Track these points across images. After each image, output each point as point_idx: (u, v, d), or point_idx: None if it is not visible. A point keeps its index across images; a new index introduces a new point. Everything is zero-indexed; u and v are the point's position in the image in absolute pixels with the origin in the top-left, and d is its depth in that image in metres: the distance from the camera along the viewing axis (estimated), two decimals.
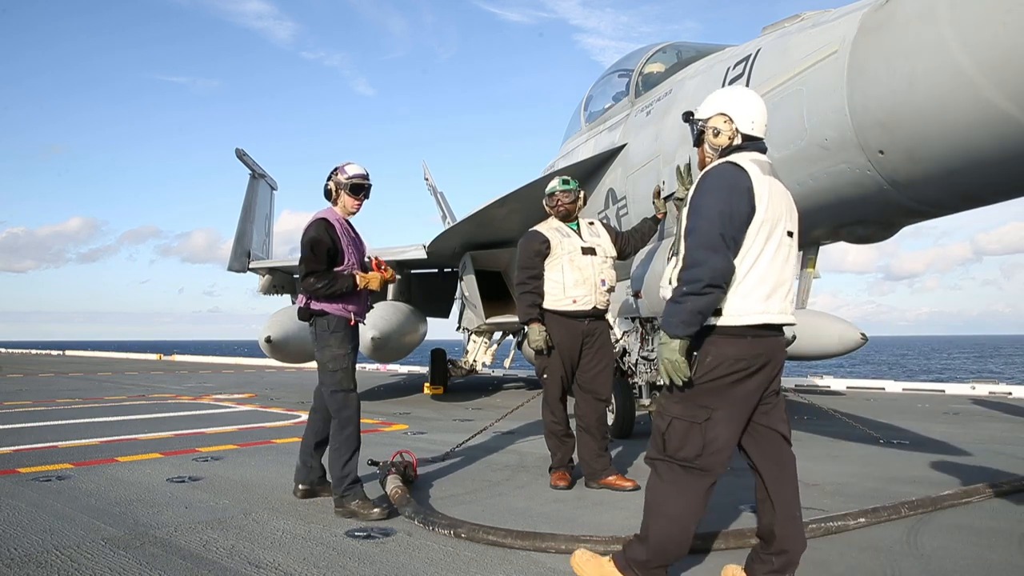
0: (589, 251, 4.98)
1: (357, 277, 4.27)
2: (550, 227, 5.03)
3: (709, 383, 2.61)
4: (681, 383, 2.62)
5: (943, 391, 12.12)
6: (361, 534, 3.61)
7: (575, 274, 4.86)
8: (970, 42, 2.98)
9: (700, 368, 2.63)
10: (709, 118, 2.88)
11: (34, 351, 41.53)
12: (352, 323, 4.32)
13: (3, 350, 43.70)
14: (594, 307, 4.92)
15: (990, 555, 3.21)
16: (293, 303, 14.44)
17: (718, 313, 2.62)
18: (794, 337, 8.82)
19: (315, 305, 4.24)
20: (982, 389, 11.69)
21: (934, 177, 3.56)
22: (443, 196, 23.14)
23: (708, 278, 2.53)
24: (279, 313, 11.77)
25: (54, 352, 38.28)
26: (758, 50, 4.73)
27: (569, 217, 5.09)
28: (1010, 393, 11.25)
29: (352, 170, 4.38)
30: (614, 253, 5.21)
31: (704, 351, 2.64)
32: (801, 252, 5.41)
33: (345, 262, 4.28)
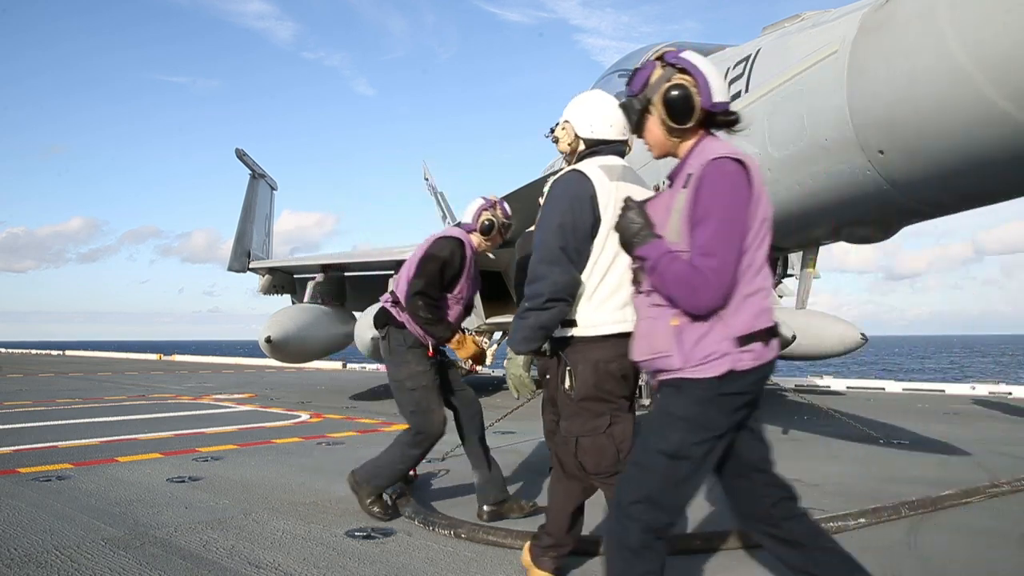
0: None
1: (457, 336, 4.00)
2: None
3: (593, 389, 2.54)
4: (529, 397, 2.61)
5: (943, 391, 12.11)
6: (361, 534, 3.61)
7: None
8: (970, 42, 2.98)
9: (578, 379, 2.56)
10: (554, 127, 2.86)
11: (34, 351, 41.51)
12: (429, 352, 4.04)
13: (3, 350, 43.69)
14: None
15: (990, 555, 3.21)
16: (293, 303, 14.45)
17: (574, 324, 2.57)
18: (794, 337, 8.82)
19: (400, 316, 3.98)
20: (982, 389, 11.68)
21: (934, 177, 3.56)
22: (443, 196, 23.16)
23: (549, 292, 2.49)
24: (279, 313, 11.79)
25: (54, 352, 38.26)
26: (758, 50, 4.73)
27: None
28: (1010, 393, 11.25)
29: (509, 211, 4.16)
30: None
31: (574, 362, 2.57)
32: (802, 252, 5.42)
33: (456, 291, 4.04)
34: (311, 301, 12.95)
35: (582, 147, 2.80)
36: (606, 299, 2.56)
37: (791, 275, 8.63)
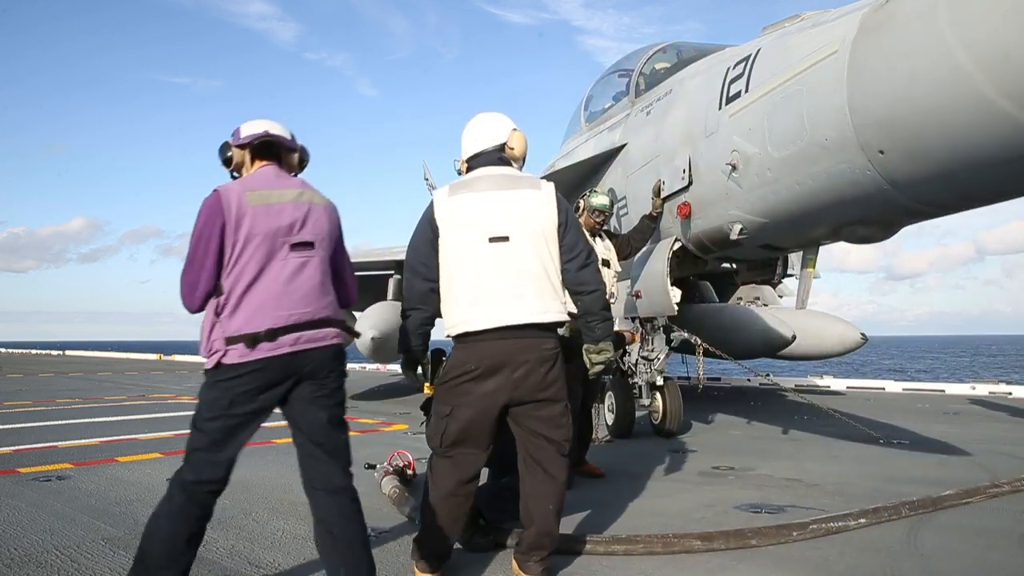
0: (605, 263, 5.15)
1: None
2: None
3: (445, 384, 2.88)
4: (420, 389, 3.07)
5: (943, 391, 12.10)
6: None
7: None
8: (970, 42, 2.98)
9: (441, 373, 2.92)
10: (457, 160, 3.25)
11: (34, 351, 41.51)
12: None
13: (3, 350, 43.69)
14: None
15: (990, 555, 3.20)
16: None
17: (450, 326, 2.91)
18: (794, 337, 8.82)
19: None
20: (982, 389, 11.67)
21: (934, 177, 3.56)
22: None
23: (406, 303, 3.00)
24: None
25: (54, 352, 38.27)
26: (758, 50, 4.73)
27: (593, 230, 5.26)
28: (1010, 393, 11.24)
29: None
30: (620, 269, 5.44)
31: (447, 358, 2.95)
32: (802, 252, 5.43)
33: None
34: None
35: (466, 167, 3.12)
36: (456, 301, 2.86)
37: (791, 275, 8.61)
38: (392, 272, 12.02)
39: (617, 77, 8.00)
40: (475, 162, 3.05)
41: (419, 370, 3.15)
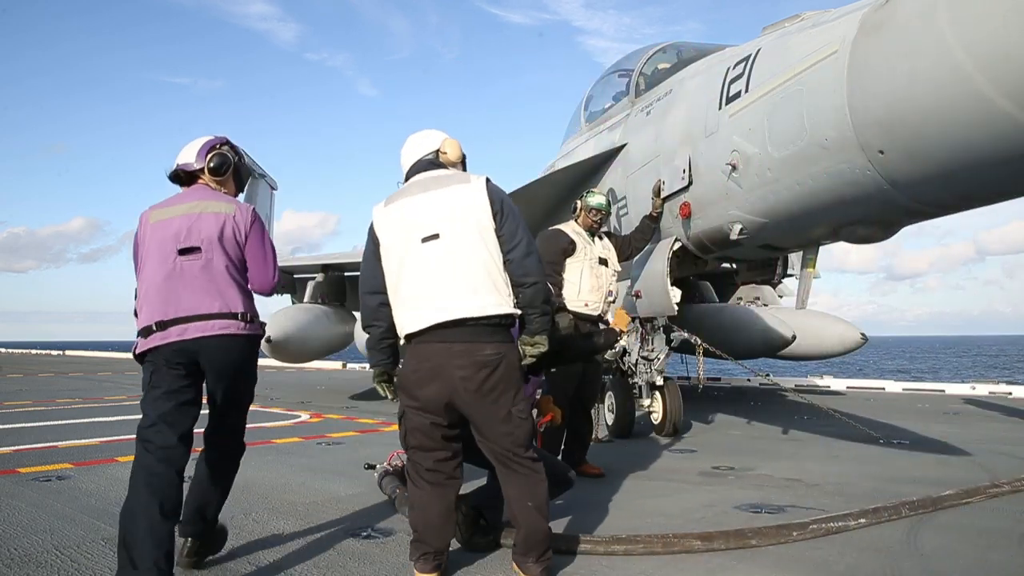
0: (603, 262, 5.20)
1: None
2: (573, 230, 5.21)
3: (401, 387, 2.97)
4: (390, 398, 3.13)
5: (943, 391, 12.11)
6: (361, 534, 3.60)
7: (592, 280, 5.07)
8: (970, 42, 2.98)
9: (397, 377, 3.04)
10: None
11: (34, 351, 41.52)
12: None
13: (3, 350, 43.70)
14: (600, 315, 5.13)
15: (990, 555, 3.20)
16: (293, 303, 14.45)
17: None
18: (794, 337, 8.82)
19: None
20: (982, 389, 11.68)
21: (934, 177, 3.56)
22: None
23: (363, 321, 3.10)
24: (279, 313, 11.79)
25: (54, 352, 38.28)
26: (758, 50, 4.73)
27: (594, 231, 5.29)
28: (1010, 393, 11.24)
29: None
30: (619, 268, 5.43)
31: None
32: (802, 252, 5.43)
33: None
34: (311, 301, 12.98)
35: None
36: (402, 306, 2.89)
37: (791, 275, 8.62)
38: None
39: (617, 77, 8.00)
40: (410, 173, 3.09)
41: (389, 384, 3.15)
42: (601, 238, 5.42)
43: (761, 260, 6.26)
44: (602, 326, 5.39)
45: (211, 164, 3.11)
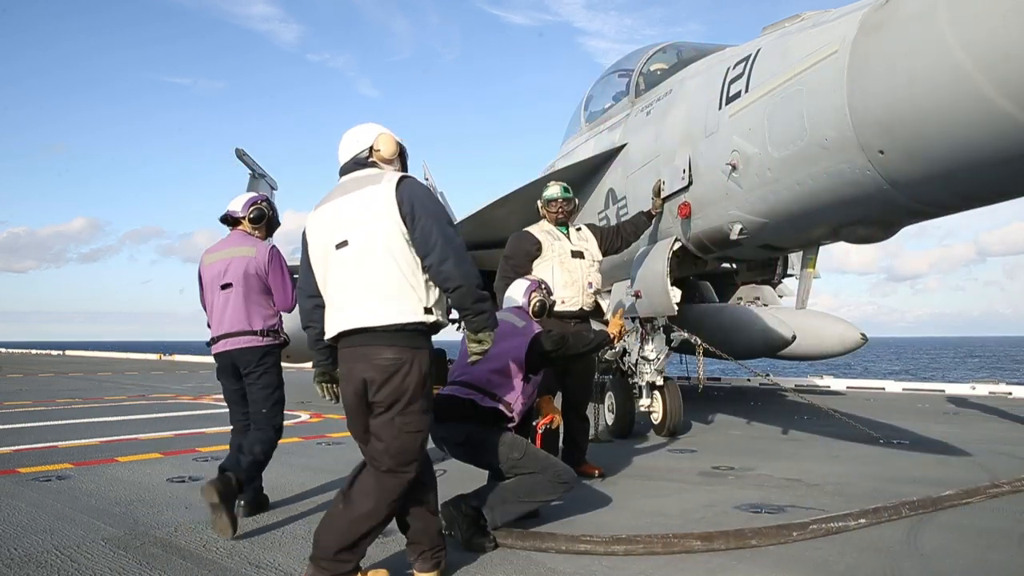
0: (578, 255, 5.14)
1: None
2: (542, 230, 5.18)
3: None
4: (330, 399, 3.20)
5: (943, 391, 12.10)
6: None
7: (564, 276, 5.02)
8: (970, 42, 2.98)
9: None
10: None
11: (34, 351, 41.50)
12: None
13: (3, 350, 43.68)
14: (580, 308, 5.09)
15: (990, 555, 3.20)
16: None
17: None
18: (794, 337, 8.82)
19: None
20: (982, 389, 11.67)
21: (934, 177, 3.56)
22: (443, 196, 23.15)
23: (302, 322, 3.08)
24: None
25: (54, 352, 38.26)
26: (758, 50, 4.73)
27: (562, 222, 5.25)
28: (1010, 393, 11.23)
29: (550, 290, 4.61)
30: (600, 257, 5.36)
31: None
32: (802, 252, 5.43)
33: None
34: None
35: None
36: (327, 309, 2.90)
37: (791, 275, 8.61)
38: None
39: (617, 77, 8.00)
40: (341, 172, 3.02)
41: (329, 386, 3.17)
42: (579, 229, 5.38)
43: (761, 260, 6.26)
44: (595, 324, 5.38)
45: (251, 215, 4.26)
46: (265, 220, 4.31)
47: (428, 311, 2.75)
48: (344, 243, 2.78)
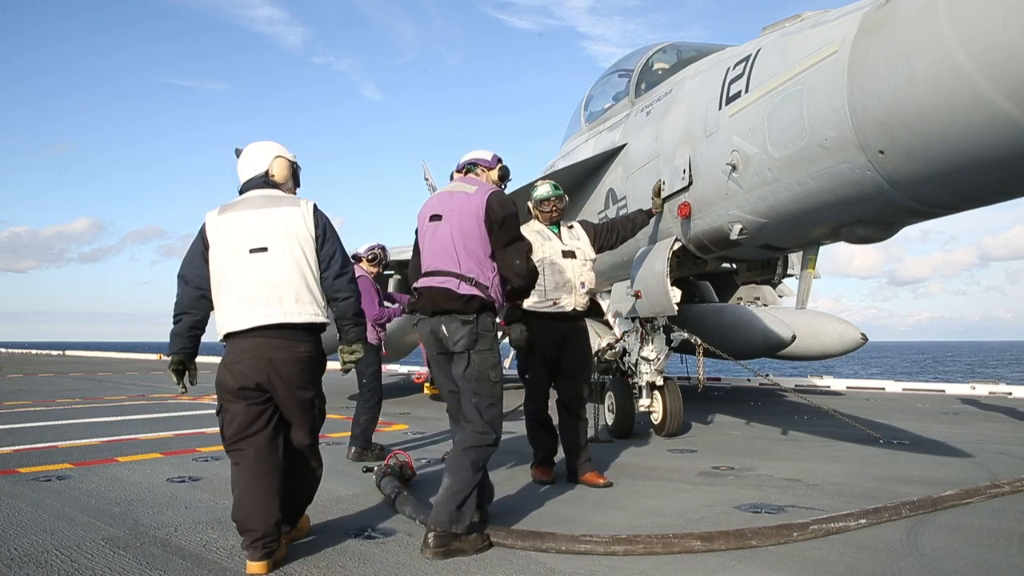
0: (569, 254, 5.03)
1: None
2: (532, 230, 5.03)
3: (218, 382, 3.26)
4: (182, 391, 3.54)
5: (943, 391, 12.11)
6: (362, 534, 3.60)
7: (556, 277, 4.91)
8: (970, 42, 2.98)
9: (217, 378, 3.27)
10: None
11: (34, 351, 41.50)
12: None
13: (3, 350, 43.68)
14: (573, 309, 4.97)
15: (990, 555, 3.20)
16: None
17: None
18: (794, 337, 8.82)
19: (492, 295, 3.64)
20: (982, 389, 11.67)
21: (934, 177, 3.56)
22: None
23: (177, 308, 3.34)
24: None
25: (54, 352, 38.25)
26: (758, 50, 4.73)
27: (555, 221, 5.15)
28: (1010, 393, 11.24)
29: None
30: (593, 256, 5.22)
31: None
32: (802, 252, 5.42)
33: None
34: None
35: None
36: (221, 306, 3.22)
37: (791, 275, 8.62)
38: (393, 272, 12.15)
39: (617, 77, 8.00)
40: (245, 187, 3.43)
41: (185, 374, 3.43)
42: (571, 227, 5.27)
43: (761, 260, 6.26)
44: (591, 321, 5.36)
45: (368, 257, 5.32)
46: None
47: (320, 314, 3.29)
48: (263, 249, 3.19)
